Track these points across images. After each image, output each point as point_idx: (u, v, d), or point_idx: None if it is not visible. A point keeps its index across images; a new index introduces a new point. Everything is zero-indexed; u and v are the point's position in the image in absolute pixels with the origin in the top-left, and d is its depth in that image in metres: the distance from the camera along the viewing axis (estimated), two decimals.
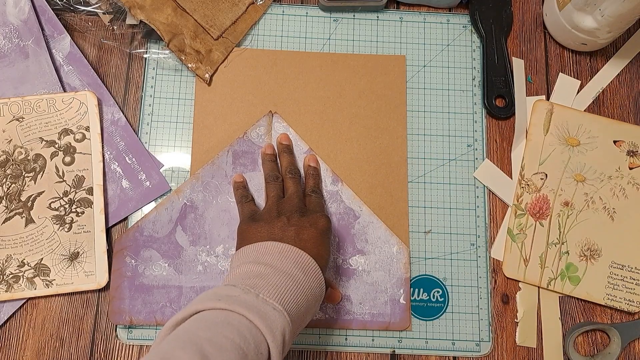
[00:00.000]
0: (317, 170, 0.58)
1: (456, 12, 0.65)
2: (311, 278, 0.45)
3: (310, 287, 0.45)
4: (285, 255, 0.45)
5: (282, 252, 0.46)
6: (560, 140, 0.61)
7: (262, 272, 0.43)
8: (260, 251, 0.46)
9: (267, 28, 0.64)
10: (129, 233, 0.56)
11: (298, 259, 0.45)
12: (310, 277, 0.45)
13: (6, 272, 0.54)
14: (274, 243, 0.46)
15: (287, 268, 0.44)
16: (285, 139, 0.58)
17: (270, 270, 0.44)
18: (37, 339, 0.54)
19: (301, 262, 0.45)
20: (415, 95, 0.62)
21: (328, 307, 0.56)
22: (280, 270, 0.44)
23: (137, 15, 0.58)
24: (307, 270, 0.45)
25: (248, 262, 0.45)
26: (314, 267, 0.46)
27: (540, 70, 0.64)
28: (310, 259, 0.46)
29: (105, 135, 0.59)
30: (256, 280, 0.43)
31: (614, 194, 0.59)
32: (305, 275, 0.45)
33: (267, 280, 0.43)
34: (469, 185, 0.60)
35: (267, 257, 0.45)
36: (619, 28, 0.59)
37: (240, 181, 0.57)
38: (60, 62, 0.60)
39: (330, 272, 0.56)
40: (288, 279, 0.43)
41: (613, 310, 0.57)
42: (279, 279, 0.43)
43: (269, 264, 0.44)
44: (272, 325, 0.39)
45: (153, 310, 0.54)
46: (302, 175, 0.58)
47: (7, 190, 0.56)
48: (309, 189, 0.55)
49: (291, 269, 0.44)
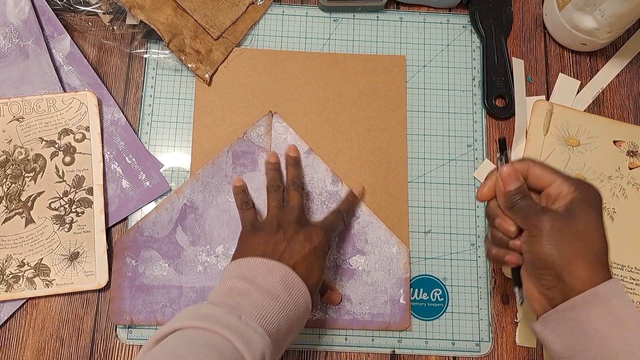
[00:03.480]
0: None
1: (456, 12, 0.65)
2: (296, 297, 0.45)
3: (295, 306, 0.44)
4: (272, 272, 0.45)
5: (269, 270, 0.45)
6: (560, 141, 0.61)
7: (246, 290, 0.43)
8: (248, 267, 0.46)
9: (267, 28, 0.64)
10: (129, 233, 0.56)
11: (284, 277, 0.45)
12: (295, 296, 0.44)
13: (6, 272, 0.54)
14: (262, 260, 0.46)
15: (272, 287, 0.44)
16: (293, 151, 0.58)
17: (254, 289, 0.43)
18: (37, 339, 0.54)
19: (287, 280, 0.45)
20: (415, 95, 0.62)
21: (328, 307, 0.56)
22: (264, 289, 0.43)
23: (137, 15, 0.58)
24: (292, 290, 0.45)
25: (235, 277, 0.45)
26: (300, 287, 0.45)
27: (540, 70, 0.64)
28: (297, 278, 0.45)
29: (105, 135, 0.59)
30: (239, 299, 0.42)
31: (614, 194, 0.59)
32: (289, 294, 0.44)
33: (249, 300, 0.42)
34: (469, 185, 0.60)
35: (253, 273, 0.45)
36: (619, 28, 0.59)
37: (240, 185, 0.57)
38: (60, 62, 0.60)
39: (330, 272, 0.56)
40: (271, 300, 0.43)
41: None
42: (262, 299, 0.42)
43: (254, 281, 0.44)
44: (253, 348, 0.39)
45: (153, 310, 0.54)
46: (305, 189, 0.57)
47: (7, 190, 0.56)
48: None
49: (275, 289, 0.44)
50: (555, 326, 0.40)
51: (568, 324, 0.39)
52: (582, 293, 0.38)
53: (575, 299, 0.38)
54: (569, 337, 0.39)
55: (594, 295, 0.38)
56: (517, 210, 0.42)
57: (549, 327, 0.41)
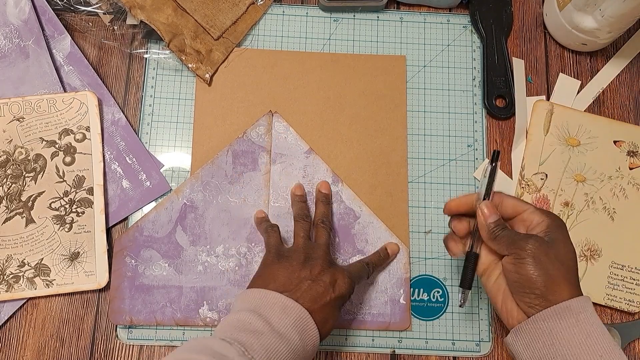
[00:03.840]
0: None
1: (456, 12, 0.65)
2: (306, 343, 0.44)
3: (304, 351, 0.44)
4: (288, 313, 0.44)
5: (285, 309, 0.44)
6: (560, 141, 0.61)
7: (259, 329, 0.43)
8: (264, 301, 0.45)
9: (268, 28, 0.64)
10: (129, 233, 0.56)
11: (299, 321, 0.44)
12: (305, 341, 0.44)
13: (6, 272, 0.54)
14: (280, 297, 0.45)
15: (285, 329, 0.43)
16: (325, 188, 0.57)
17: (267, 330, 0.43)
18: (37, 339, 0.54)
19: (301, 324, 0.44)
20: (415, 95, 0.62)
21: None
22: (277, 331, 0.43)
23: (138, 15, 0.58)
24: (304, 335, 0.44)
25: (250, 310, 0.44)
26: (312, 333, 0.45)
27: (540, 70, 0.64)
28: (312, 324, 0.45)
29: (106, 135, 0.59)
30: (251, 338, 0.42)
31: (614, 194, 0.59)
32: (301, 339, 0.44)
33: (261, 341, 0.42)
34: (469, 185, 0.60)
35: (269, 310, 0.44)
36: (619, 28, 0.59)
37: (263, 216, 0.56)
38: (60, 62, 0.60)
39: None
40: (282, 344, 0.42)
41: (613, 310, 0.57)
42: (274, 342, 0.42)
43: (268, 320, 0.43)
44: None
45: (153, 310, 0.54)
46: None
47: (8, 191, 0.56)
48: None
49: (288, 331, 0.43)
50: (526, 335, 0.43)
51: (538, 333, 0.42)
52: (554, 305, 0.42)
53: (547, 311, 0.42)
54: (537, 346, 0.42)
55: (565, 308, 0.41)
56: (500, 240, 0.45)
57: (520, 338, 0.44)
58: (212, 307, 0.55)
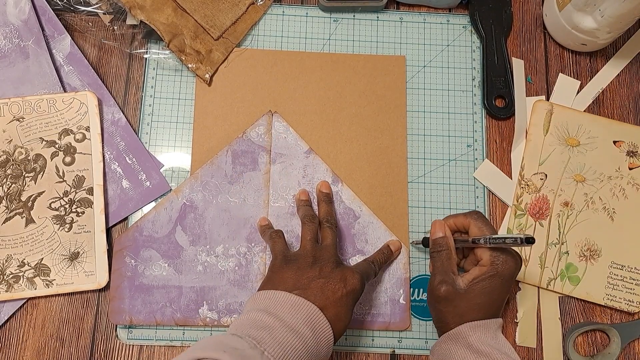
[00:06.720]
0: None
1: (456, 13, 0.65)
2: (319, 339, 0.44)
3: (318, 347, 0.44)
4: (298, 309, 0.44)
5: (295, 307, 0.44)
6: (560, 141, 0.61)
7: (270, 324, 0.42)
8: (274, 300, 0.45)
9: (267, 28, 0.64)
10: (129, 233, 0.56)
11: (310, 317, 0.44)
12: (318, 338, 0.44)
13: (6, 272, 0.54)
14: (289, 295, 0.45)
15: (296, 324, 0.43)
16: (326, 188, 0.57)
17: (278, 324, 0.42)
18: (37, 339, 0.54)
19: (313, 320, 0.44)
20: (415, 95, 0.62)
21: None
22: (288, 325, 0.43)
23: (138, 15, 0.58)
24: (317, 330, 0.44)
25: (260, 309, 0.44)
26: (325, 330, 0.44)
27: (540, 70, 0.64)
28: (324, 320, 0.44)
29: (106, 135, 0.59)
30: (263, 333, 0.42)
31: (614, 194, 0.59)
32: (313, 334, 0.43)
33: (273, 335, 0.42)
34: (469, 185, 0.60)
35: (278, 308, 0.44)
36: (619, 28, 0.59)
37: (266, 224, 0.56)
38: (60, 62, 0.60)
39: None
40: (295, 337, 0.42)
41: (613, 310, 0.57)
42: (286, 336, 0.42)
43: (279, 316, 0.43)
44: None
45: (153, 310, 0.54)
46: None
47: (8, 191, 0.56)
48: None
49: (300, 326, 0.43)
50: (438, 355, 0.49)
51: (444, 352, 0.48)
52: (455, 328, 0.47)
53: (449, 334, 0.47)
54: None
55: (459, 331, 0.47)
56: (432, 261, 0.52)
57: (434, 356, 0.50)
58: (212, 307, 0.55)
